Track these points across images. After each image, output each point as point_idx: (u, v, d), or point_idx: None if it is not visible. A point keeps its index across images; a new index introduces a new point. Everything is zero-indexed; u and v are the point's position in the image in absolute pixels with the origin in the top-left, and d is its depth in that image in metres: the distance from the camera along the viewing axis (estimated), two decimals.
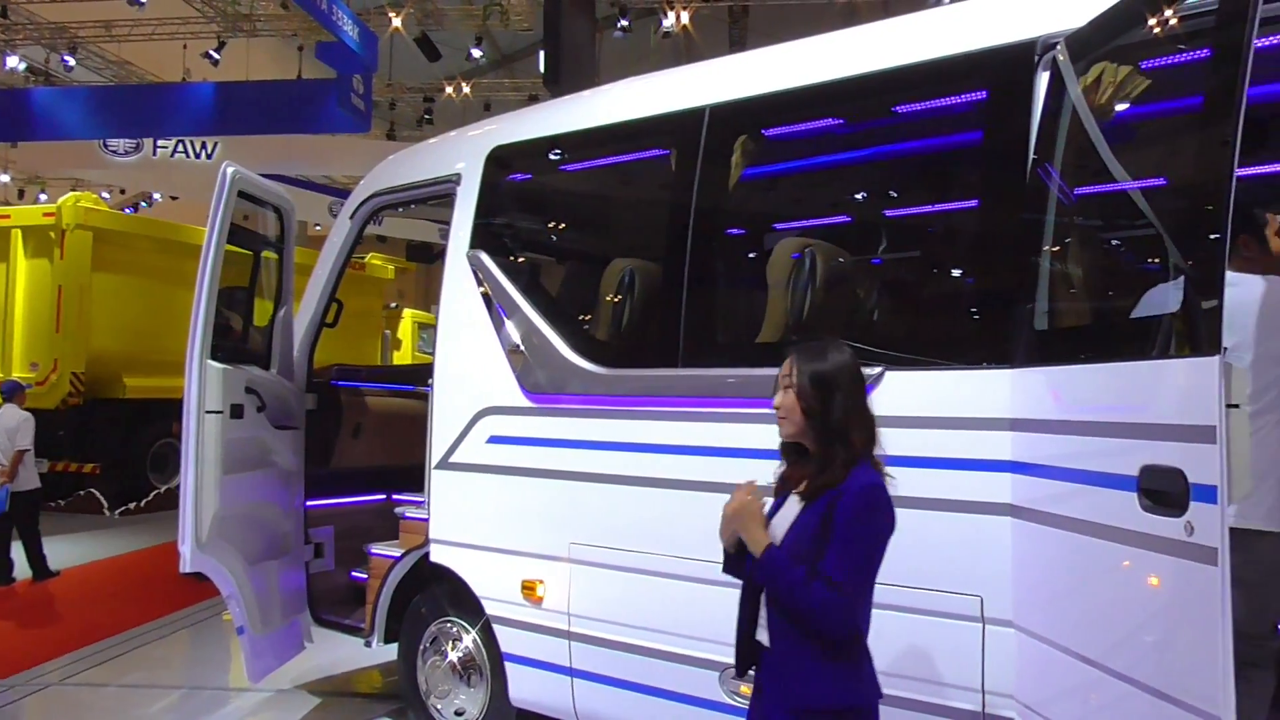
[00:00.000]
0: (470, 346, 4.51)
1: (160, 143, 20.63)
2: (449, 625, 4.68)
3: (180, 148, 20.77)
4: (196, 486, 4.46)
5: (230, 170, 4.62)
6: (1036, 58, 3.07)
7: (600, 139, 4.42)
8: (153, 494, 12.79)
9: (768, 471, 3.12)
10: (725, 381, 3.67)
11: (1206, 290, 2.23)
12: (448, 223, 4.71)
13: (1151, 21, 2.61)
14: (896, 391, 3.20)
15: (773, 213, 4.38)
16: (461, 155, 4.82)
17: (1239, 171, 2.17)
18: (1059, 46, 2.96)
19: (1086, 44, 2.86)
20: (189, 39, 18.85)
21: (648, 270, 4.24)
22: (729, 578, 3.44)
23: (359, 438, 5.87)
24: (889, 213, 4.05)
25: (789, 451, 2.62)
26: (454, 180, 4.74)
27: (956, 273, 3.72)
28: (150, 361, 12.38)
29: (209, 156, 20.35)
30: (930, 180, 3.85)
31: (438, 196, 4.98)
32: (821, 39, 3.85)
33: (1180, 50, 2.62)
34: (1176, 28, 2.53)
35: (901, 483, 3.04)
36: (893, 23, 3.69)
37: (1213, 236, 2.24)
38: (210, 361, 4.52)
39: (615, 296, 4.32)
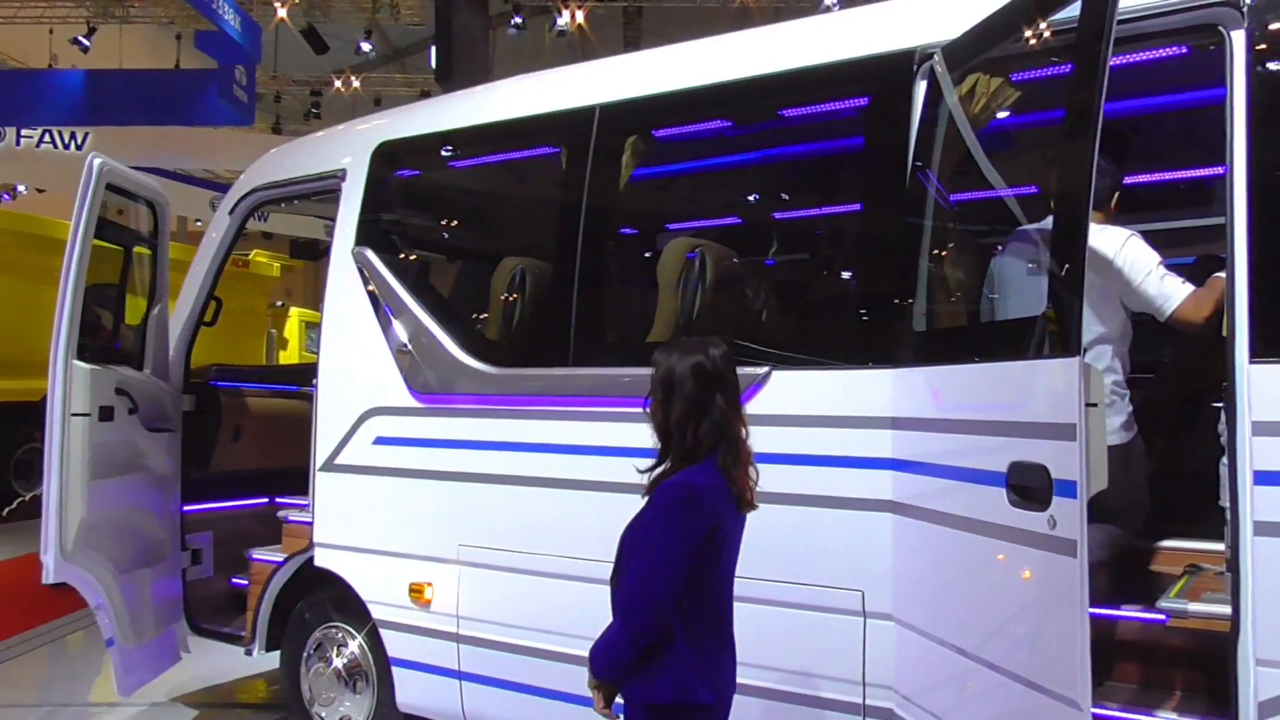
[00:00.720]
0: (356, 346, 4.42)
1: (25, 132, 19.49)
2: (334, 631, 4.57)
3: (47, 138, 19.68)
4: (61, 493, 4.26)
5: (97, 162, 4.42)
6: (915, 66, 3.16)
7: (490, 136, 4.38)
8: (16, 502, 12.12)
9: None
10: (615, 381, 3.68)
11: (1068, 293, 2.34)
12: (333, 219, 4.60)
13: (1019, 36, 2.72)
14: (783, 391, 3.26)
15: (663, 213, 4.42)
16: (347, 150, 4.72)
17: None
18: (936, 56, 3.06)
19: (961, 54, 2.97)
20: (56, 23, 17.88)
21: (538, 269, 4.22)
22: None
23: (240, 440, 5.69)
24: (776, 215, 4.13)
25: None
26: (339, 176, 4.63)
27: (841, 274, 3.82)
28: (13, 362, 11.70)
29: (79, 147, 19.35)
30: (815, 183, 3.95)
31: (322, 192, 4.86)
32: (711, 41, 3.90)
33: (1045, 64, 2.75)
34: (1042, 43, 2.65)
35: (787, 480, 3.12)
36: (780, 28, 3.76)
37: (1072, 242, 2.35)
38: (76, 361, 4.32)
39: (505, 295, 4.29)
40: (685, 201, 4.40)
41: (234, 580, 5.28)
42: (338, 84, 20.49)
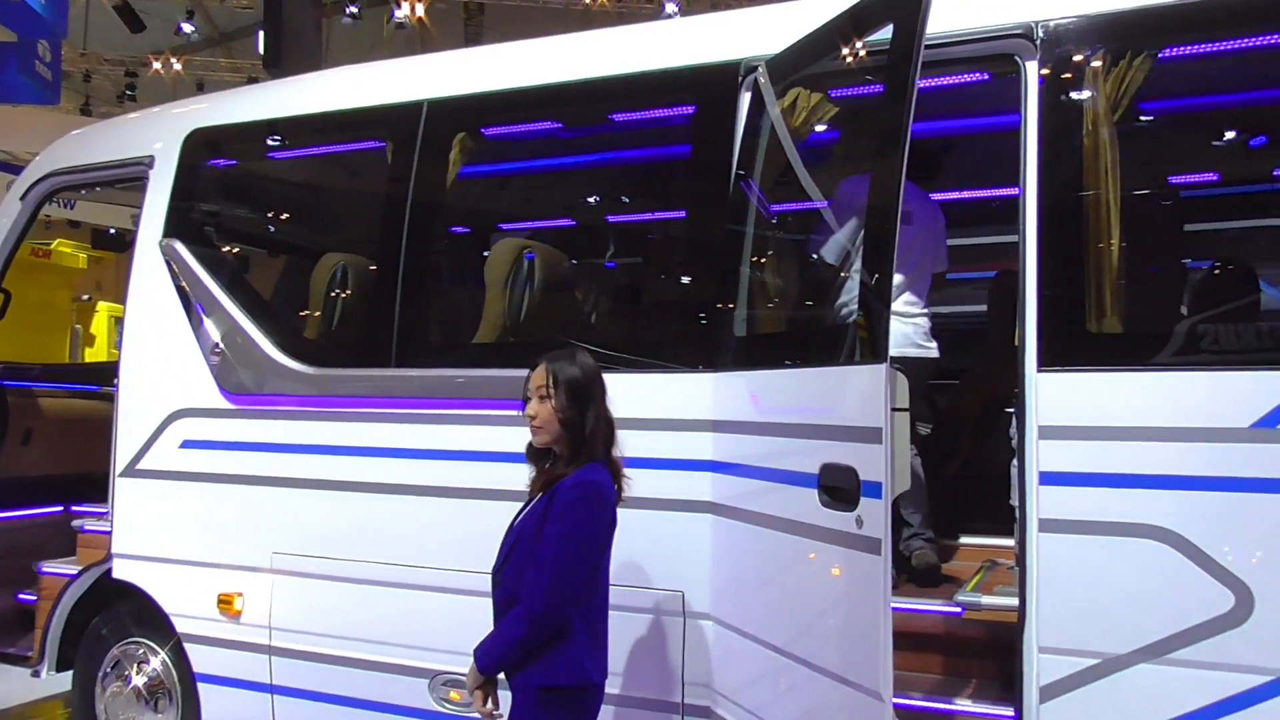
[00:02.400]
0: (162, 343, 4.17)
1: None
2: (134, 647, 4.29)
3: None
4: None
5: None
6: (740, 78, 3.24)
7: (313, 127, 4.23)
8: None
9: (481, 475, 3.13)
10: (439, 382, 3.61)
11: (876, 302, 2.44)
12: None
13: (837, 54, 2.83)
14: (610, 393, 3.26)
15: (490, 212, 4.37)
16: (157, 135, 4.45)
17: None
18: (760, 69, 3.15)
19: (783, 69, 3.06)
20: None
21: (360, 266, 4.11)
22: (440, 583, 3.44)
23: (30, 444, 5.26)
24: (605, 218, 4.15)
25: (535, 455, 2.76)
26: (147, 163, 4.36)
27: (666, 279, 3.87)
28: None
29: None
30: (643, 188, 3.99)
31: (128, 180, 4.58)
32: (545, 42, 3.89)
33: (860, 82, 2.87)
34: (857, 62, 2.76)
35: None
36: (612, 33, 3.79)
37: (881, 252, 2.46)
38: None
39: (326, 293, 4.16)
40: (513, 201, 4.37)
41: (20, 596, 4.88)
42: (156, 65, 19.30)
